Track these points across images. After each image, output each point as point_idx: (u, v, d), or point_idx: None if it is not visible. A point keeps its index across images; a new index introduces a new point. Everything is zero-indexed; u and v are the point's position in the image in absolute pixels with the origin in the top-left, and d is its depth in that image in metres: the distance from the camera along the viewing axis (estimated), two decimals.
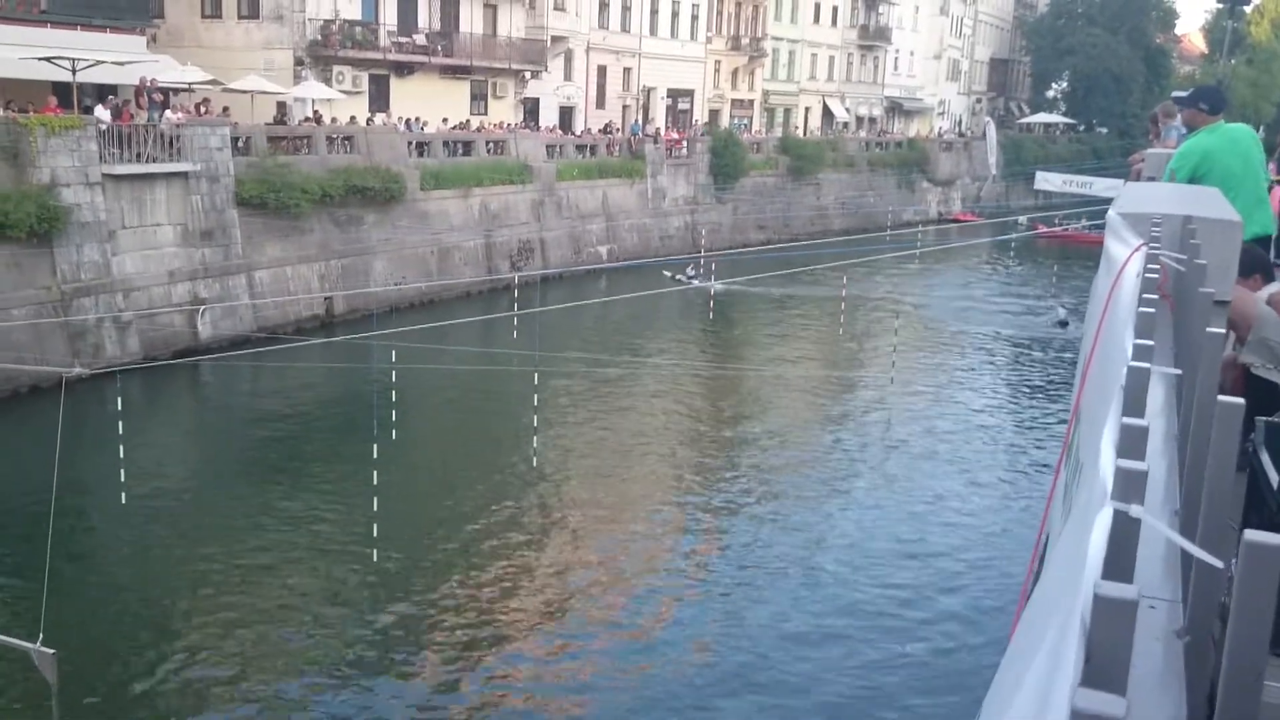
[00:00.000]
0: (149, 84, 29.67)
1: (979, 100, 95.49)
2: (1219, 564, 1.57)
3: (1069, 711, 1.05)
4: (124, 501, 17.59)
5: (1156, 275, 4.51)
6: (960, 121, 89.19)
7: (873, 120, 79.83)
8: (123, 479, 17.61)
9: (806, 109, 73.52)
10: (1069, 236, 53.31)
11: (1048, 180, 69.47)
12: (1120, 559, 1.62)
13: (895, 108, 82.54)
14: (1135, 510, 1.61)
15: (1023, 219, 57.00)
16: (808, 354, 34.44)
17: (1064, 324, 38.02)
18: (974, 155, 75.81)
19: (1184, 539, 1.52)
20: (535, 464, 21.15)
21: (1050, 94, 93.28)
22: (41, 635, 10.20)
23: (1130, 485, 1.68)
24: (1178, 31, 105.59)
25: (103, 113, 28.16)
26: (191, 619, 15.14)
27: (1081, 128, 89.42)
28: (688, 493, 21.24)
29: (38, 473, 16.71)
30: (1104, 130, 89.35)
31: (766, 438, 24.76)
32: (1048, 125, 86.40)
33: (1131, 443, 1.87)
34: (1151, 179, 10.42)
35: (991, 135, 75.78)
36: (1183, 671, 2.00)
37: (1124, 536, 1.66)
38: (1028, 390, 30.21)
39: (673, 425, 25.56)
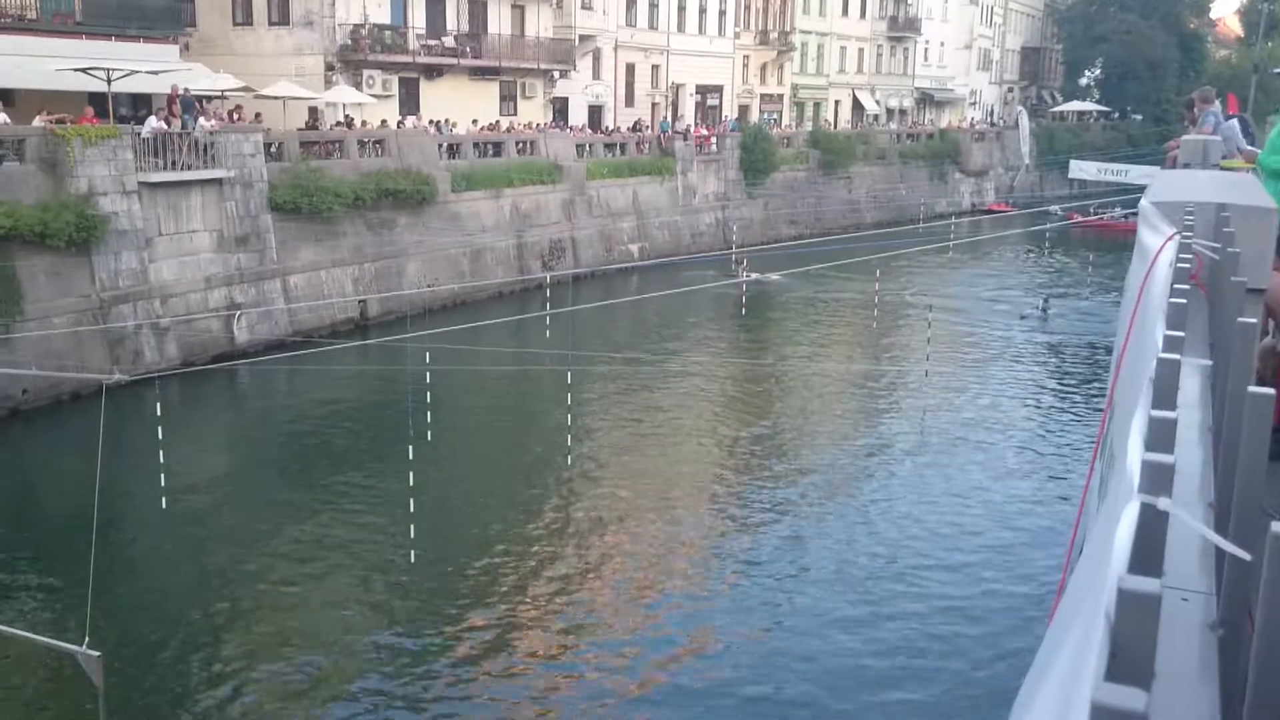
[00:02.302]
0: (180, 92, 29.95)
1: (1011, 89, 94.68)
2: (1246, 556, 1.56)
3: (1089, 705, 1.05)
4: (165, 506, 17.80)
5: (1189, 264, 4.47)
6: (992, 111, 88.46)
7: (903, 112, 79.34)
8: (163, 483, 17.82)
9: (836, 102, 73.20)
10: (1105, 225, 52.77)
11: (1082, 169, 68.84)
12: (1148, 552, 1.62)
13: (926, 99, 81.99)
14: (1163, 503, 1.60)
15: (1056, 208, 56.43)
16: (841, 349, 34.31)
17: (1044, 311, 37.75)
18: (1006, 145, 75.17)
19: (1212, 531, 1.52)
20: (570, 462, 21.21)
21: (1083, 81, 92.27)
22: (87, 638, 10.35)
23: (1158, 478, 1.68)
24: (1213, 15, 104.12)
25: (157, 124, 28.45)
26: (233, 620, 15.31)
27: (1116, 115, 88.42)
28: (724, 488, 21.23)
29: (80, 478, 16.95)
30: (1139, 117, 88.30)
31: (801, 433, 24.69)
32: (1081, 113, 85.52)
33: (1159, 435, 1.86)
34: (1187, 165, 10.30)
35: (1024, 124, 75.12)
36: (1216, 665, 1.98)
37: (1152, 529, 1.65)
38: (1065, 382, 29.94)
39: (707, 422, 25.54)
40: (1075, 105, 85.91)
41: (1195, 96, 12.73)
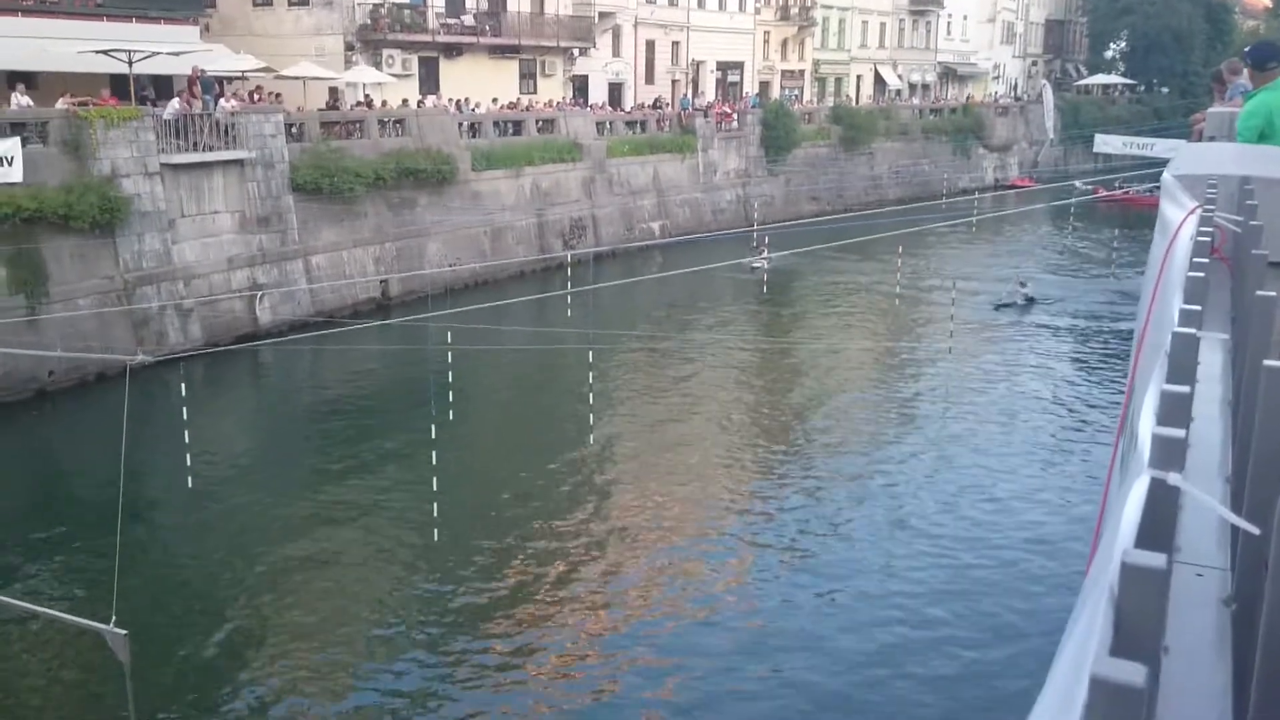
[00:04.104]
0: (200, 74, 30.03)
1: (1034, 63, 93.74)
2: (1255, 530, 1.54)
3: (1088, 679, 1.05)
4: (190, 485, 17.95)
5: (1211, 238, 4.42)
6: (1016, 85, 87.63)
7: (926, 87, 78.72)
8: (188, 463, 17.96)
9: (858, 78, 72.70)
10: (1130, 200, 52.22)
11: (1107, 143, 68.15)
12: (1158, 527, 1.61)
13: (949, 73, 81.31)
14: (1173, 478, 1.59)
15: (1079, 183, 55.78)
16: (864, 326, 34.19)
17: (1025, 297, 35.10)
18: (1030, 120, 74.49)
19: (1222, 506, 1.50)
20: (592, 441, 21.24)
21: (1108, 54, 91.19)
22: (114, 616, 10.45)
23: (1169, 452, 1.66)
24: None
25: (178, 105, 28.48)
26: (258, 598, 15.45)
27: (1141, 88, 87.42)
28: (746, 466, 21.23)
29: (106, 458, 17.11)
30: (1165, 90, 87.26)
31: (824, 410, 24.64)
32: (1106, 87, 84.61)
33: (1172, 409, 1.85)
34: (1212, 139, 10.19)
35: (1048, 98, 74.42)
36: (1230, 640, 1.97)
37: (1163, 504, 1.64)
38: (1091, 359, 29.74)
39: (729, 400, 25.53)
40: (1100, 78, 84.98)
41: (1223, 68, 12.54)
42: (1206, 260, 3.54)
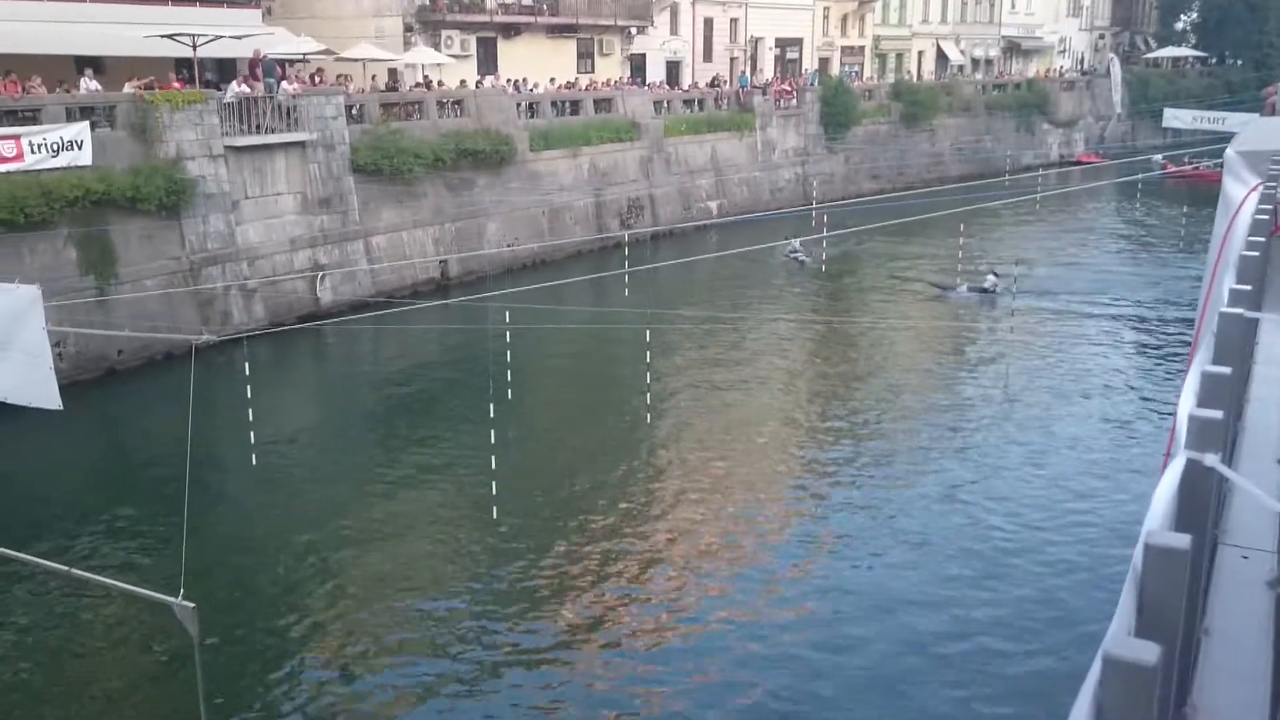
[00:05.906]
0: (261, 56, 30.39)
1: (1102, 36, 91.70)
2: (1278, 507, 1.53)
3: (1100, 659, 1.06)
4: (254, 462, 18.27)
5: (1270, 216, 4.34)
6: (1082, 59, 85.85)
7: (989, 62, 77.41)
8: (252, 440, 18.26)
9: (919, 53, 71.67)
10: (1199, 175, 51.05)
11: (1177, 118, 66.61)
12: (1195, 509, 1.60)
13: (1013, 48, 79.86)
14: (1209, 459, 1.58)
15: (1159, 157, 54.46)
16: (923, 304, 33.80)
17: (992, 290, 32.13)
18: (1097, 94, 73.00)
19: (1254, 486, 1.49)
20: (649, 420, 21.28)
21: (1179, 26, 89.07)
22: (182, 590, 10.70)
23: (1206, 434, 1.65)
24: None
25: (239, 88, 28.83)
26: (321, 573, 15.73)
27: (1213, 61, 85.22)
28: (804, 445, 21.15)
29: (173, 435, 17.48)
30: (1238, 62, 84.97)
31: (883, 390, 24.46)
32: (1176, 59, 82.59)
33: (1211, 391, 1.83)
34: None
35: (1115, 72, 72.87)
36: (1272, 621, 1.96)
37: (1201, 486, 1.63)
38: (1158, 339, 29.17)
39: (786, 380, 25.43)
40: (1170, 51, 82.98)
41: None
42: (1264, 239, 3.47)
